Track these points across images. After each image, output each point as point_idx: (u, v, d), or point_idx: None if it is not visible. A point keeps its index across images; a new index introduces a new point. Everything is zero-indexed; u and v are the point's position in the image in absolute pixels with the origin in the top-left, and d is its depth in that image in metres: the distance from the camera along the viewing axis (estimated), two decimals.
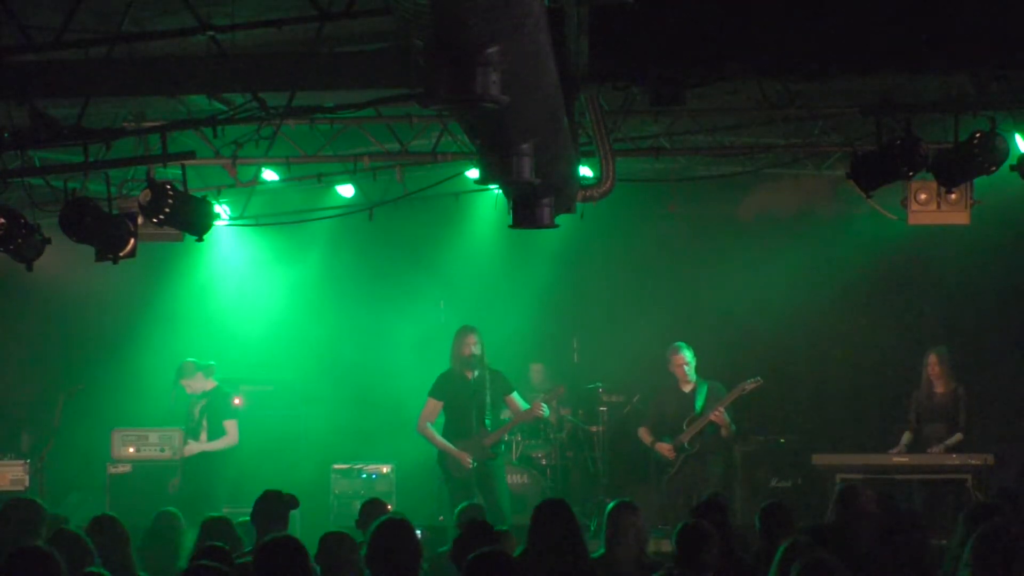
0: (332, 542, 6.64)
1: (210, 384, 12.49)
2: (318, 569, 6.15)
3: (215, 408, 12.45)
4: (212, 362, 12.62)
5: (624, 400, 13.72)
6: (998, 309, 13.58)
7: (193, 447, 12.40)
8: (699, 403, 12.16)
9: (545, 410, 11.86)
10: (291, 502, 7.90)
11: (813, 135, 11.32)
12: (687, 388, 12.27)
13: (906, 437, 12.22)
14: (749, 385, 12.03)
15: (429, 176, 12.40)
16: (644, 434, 12.28)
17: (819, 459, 12.04)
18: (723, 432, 12.02)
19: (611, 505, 7.33)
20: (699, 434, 12.01)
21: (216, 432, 12.40)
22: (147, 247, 10.49)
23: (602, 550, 7.21)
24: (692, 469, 11.96)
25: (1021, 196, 11.42)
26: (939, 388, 12.23)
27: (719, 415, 11.92)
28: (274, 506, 7.76)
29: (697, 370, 12.24)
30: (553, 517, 6.93)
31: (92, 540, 6.80)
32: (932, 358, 12.23)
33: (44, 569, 5.44)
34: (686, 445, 12.06)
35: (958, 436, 12.02)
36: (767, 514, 7.58)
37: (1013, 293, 13.50)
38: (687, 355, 12.21)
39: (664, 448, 12.12)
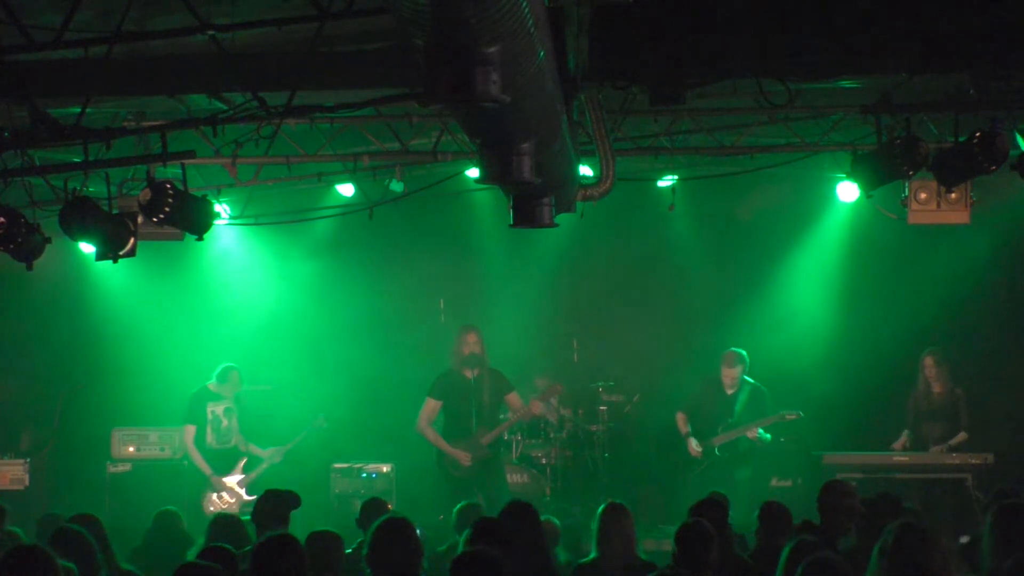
0: (319, 541, 6.64)
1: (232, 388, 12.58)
2: None
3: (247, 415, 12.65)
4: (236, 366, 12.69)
5: (624, 400, 13.73)
6: (998, 309, 13.58)
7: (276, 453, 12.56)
8: (739, 407, 12.23)
9: (541, 407, 11.87)
10: (292, 501, 7.90)
11: (813, 135, 11.32)
12: (730, 390, 12.34)
13: (904, 435, 12.26)
14: (789, 416, 12.15)
15: (429, 176, 12.39)
16: (681, 422, 12.37)
17: (828, 459, 12.06)
18: (758, 444, 12.13)
19: (601, 508, 7.34)
20: (731, 443, 12.08)
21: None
22: (147, 246, 10.49)
23: (594, 554, 7.21)
24: (718, 472, 12.00)
25: (1021, 196, 11.44)
26: (936, 388, 12.26)
27: (755, 434, 12.01)
28: (275, 505, 7.77)
29: (744, 374, 12.35)
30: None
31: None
32: (928, 359, 12.28)
33: (40, 568, 5.44)
34: (716, 451, 12.11)
35: (962, 435, 12.07)
36: (765, 513, 7.59)
37: (1013, 293, 13.51)
38: (741, 368, 12.31)
39: (693, 448, 12.17)
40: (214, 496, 12.29)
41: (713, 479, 11.83)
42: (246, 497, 12.17)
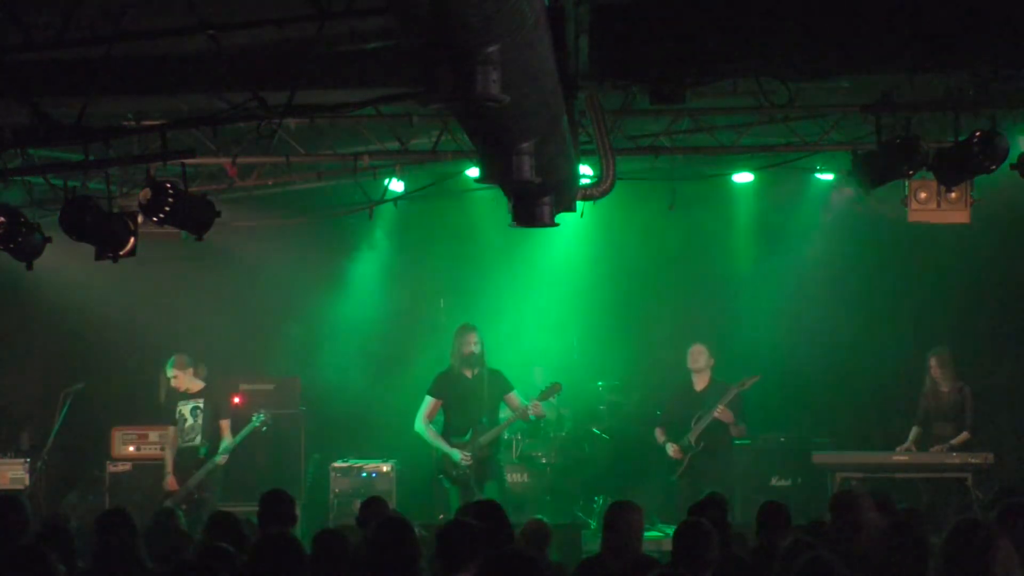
0: (326, 541, 6.64)
1: (198, 385, 12.37)
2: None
3: (210, 411, 12.36)
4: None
5: (624, 400, 13.72)
6: (998, 308, 13.58)
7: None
8: (708, 403, 12.22)
9: (541, 408, 11.87)
10: (291, 501, 7.90)
11: (813, 135, 11.32)
12: (699, 387, 12.33)
13: (914, 433, 12.25)
14: (748, 381, 12.07)
15: (429, 175, 12.39)
16: (659, 434, 12.39)
17: (819, 458, 12.07)
18: (732, 431, 12.09)
19: (609, 503, 7.34)
20: (706, 432, 12.05)
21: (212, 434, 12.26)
22: (147, 246, 10.48)
23: (600, 550, 7.21)
24: (701, 468, 11.99)
25: (1021, 195, 11.44)
26: (944, 387, 12.26)
27: (722, 412, 11.96)
28: (278, 505, 7.77)
29: (713, 370, 12.32)
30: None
31: (101, 535, 6.81)
32: (933, 360, 12.27)
33: (38, 567, 5.44)
34: (692, 444, 12.10)
35: (964, 435, 12.06)
36: (766, 513, 7.58)
37: (1013, 292, 13.51)
38: (704, 348, 12.34)
39: (672, 448, 12.18)
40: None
41: (710, 479, 11.84)
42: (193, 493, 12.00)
